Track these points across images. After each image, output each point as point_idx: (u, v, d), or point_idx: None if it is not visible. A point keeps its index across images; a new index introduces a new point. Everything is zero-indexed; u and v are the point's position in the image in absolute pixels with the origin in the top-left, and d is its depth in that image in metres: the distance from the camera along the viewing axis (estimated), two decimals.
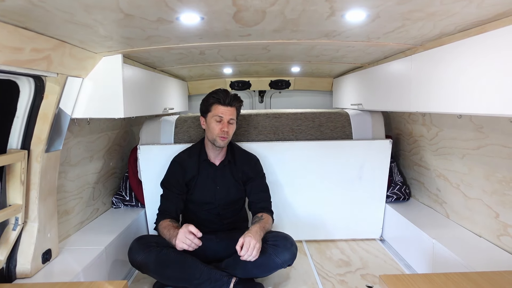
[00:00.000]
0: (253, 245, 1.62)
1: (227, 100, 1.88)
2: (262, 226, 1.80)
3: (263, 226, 1.81)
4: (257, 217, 1.89)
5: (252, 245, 1.62)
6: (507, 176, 1.65)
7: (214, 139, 1.90)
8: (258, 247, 1.64)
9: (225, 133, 1.88)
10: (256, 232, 1.71)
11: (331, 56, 2.21)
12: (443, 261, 1.79)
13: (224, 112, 1.88)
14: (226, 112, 1.88)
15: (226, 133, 1.88)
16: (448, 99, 1.45)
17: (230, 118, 1.90)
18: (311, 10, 1.19)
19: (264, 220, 1.86)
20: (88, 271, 1.65)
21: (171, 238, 1.73)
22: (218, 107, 1.89)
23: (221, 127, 1.87)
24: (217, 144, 1.91)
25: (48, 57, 1.34)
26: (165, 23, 1.30)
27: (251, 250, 1.61)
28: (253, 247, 1.62)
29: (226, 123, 1.88)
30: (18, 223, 1.50)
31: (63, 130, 1.66)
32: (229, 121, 1.90)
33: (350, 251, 2.36)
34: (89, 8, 1.07)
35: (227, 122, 1.89)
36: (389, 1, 1.10)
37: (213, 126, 1.89)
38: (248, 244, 1.62)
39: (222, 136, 1.88)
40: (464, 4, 1.10)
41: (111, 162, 2.53)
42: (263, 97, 3.97)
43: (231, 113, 1.90)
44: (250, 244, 1.62)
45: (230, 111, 1.90)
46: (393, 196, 2.53)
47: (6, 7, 0.99)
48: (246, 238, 1.63)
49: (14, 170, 1.47)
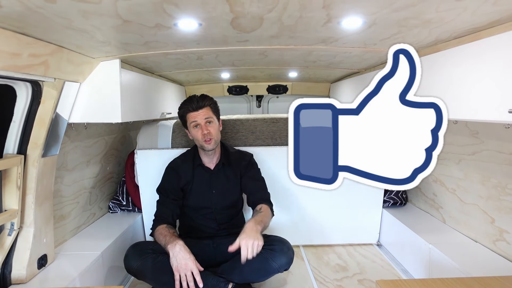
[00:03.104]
0: (251, 246, 1.58)
1: (193, 104, 1.87)
2: (260, 219, 1.74)
3: (261, 219, 1.75)
4: (256, 211, 1.85)
5: (251, 247, 1.58)
6: (503, 182, 1.67)
7: (201, 145, 1.90)
8: (257, 244, 1.59)
9: (207, 134, 1.86)
10: (251, 229, 1.64)
11: (328, 61, 2.23)
12: (440, 266, 1.79)
13: (197, 116, 1.87)
14: (198, 116, 1.87)
15: (208, 134, 1.86)
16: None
17: (205, 120, 1.88)
18: (308, 16, 1.20)
19: (263, 213, 1.81)
20: (84, 276, 1.64)
21: (166, 244, 1.72)
22: (190, 115, 1.88)
23: (201, 132, 1.87)
24: (206, 149, 1.90)
25: (45, 62, 1.34)
26: (163, 29, 1.30)
27: (251, 253, 1.58)
28: (251, 249, 1.58)
29: (204, 125, 1.87)
30: (13, 228, 1.49)
31: (60, 135, 1.66)
32: (207, 122, 1.88)
33: (347, 256, 2.36)
34: (87, 14, 1.07)
35: (205, 124, 1.87)
36: (385, 8, 1.11)
37: (194, 133, 1.89)
38: (245, 248, 1.58)
39: (206, 139, 1.87)
40: (458, 12, 1.12)
41: (108, 166, 2.52)
42: (260, 102, 3.98)
43: (205, 114, 1.88)
44: (248, 248, 1.58)
45: (203, 113, 1.88)
46: (390, 201, 2.54)
47: (4, 13, 0.99)
48: (242, 242, 1.61)
49: (10, 175, 1.47)
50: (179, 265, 1.63)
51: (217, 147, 1.97)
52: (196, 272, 1.64)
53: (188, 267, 1.64)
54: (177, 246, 1.67)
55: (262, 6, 1.08)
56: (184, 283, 1.63)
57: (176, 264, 1.64)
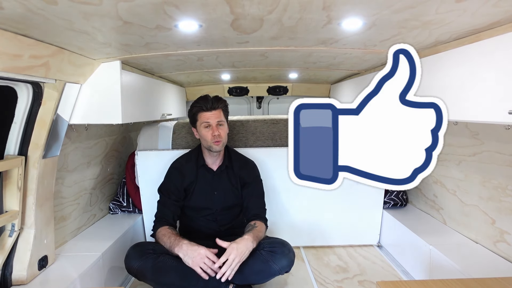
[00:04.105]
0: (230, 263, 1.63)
1: (208, 105, 1.89)
2: (256, 235, 1.78)
3: (256, 235, 1.79)
4: (250, 225, 1.87)
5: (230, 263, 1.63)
6: (503, 183, 1.66)
7: (209, 145, 1.90)
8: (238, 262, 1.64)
9: (217, 136, 1.88)
10: (245, 245, 1.69)
11: (329, 62, 2.23)
12: (440, 267, 1.79)
13: (210, 117, 1.89)
14: (212, 116, 1.89)
15: (218, 136, 1.88)
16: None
17: (217, 121, 1.90)
18: (308, 18, 1.20)
19: (258, 229, 1.84)
20: (85, 277, 1.64)
21: (172, 246, 1.72)
22: (203, 114, 1.89)
23: (211, 132, 1.88)
24: (213, 150, 1.91)
25: (46, 64, 1.35)
26: (164, 30, 1.31)
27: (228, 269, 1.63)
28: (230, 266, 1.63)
29: (215, 127, 1.88)
30: (14, 230, 1.50)
31: (61, 136, 1.66)
32: (218, 124, 1.90)
33: (347, 257, 2.36)
34: (88, 16, 1.07)
35: (216, 126, 1.89)
36: (385, 10, 1.11)
37: (204, 134, 1.90)
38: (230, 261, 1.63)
39: (216, 140, 1.88)
40: (458, 14, 1.12)
41: (108, 167, 2.52)
42: (261, 103, 3.99)
43: (217, 116, 1.90)
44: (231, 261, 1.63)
45: (216, 114, 1.90)
46: (390, 202, 2.54)
47: (5, 15, 1.00)
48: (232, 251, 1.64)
49: (11, 176, 1.47)
50: (194, 259, 1.65)
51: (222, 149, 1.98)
52: (211, 256, 1.66)
53: (201, 255, 1.65)
54: (183, 245, 1.69)
55: (262, 8, 1.09)
56: (209, 271, 1.65)
57: (191, 261, 1.65)
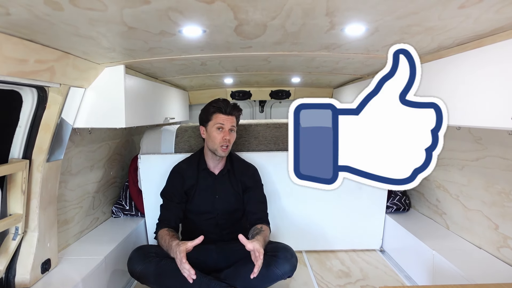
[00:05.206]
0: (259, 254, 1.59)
1: (228, 109, 1.91)
2: (264, 239, 1.77)
3: (264, 239, 1.79)
4: (257, 229, 1.87)
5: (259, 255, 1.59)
6: (506, 188, 1.66)
7: (216, 149, 1.91)
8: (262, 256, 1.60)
9: (227, 141, 1.89)
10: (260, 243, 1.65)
11: (331, 67, 2.24)
12: (443, 273, 1.78)
13: (225, 120, 1.90)
14: (227, 120, 1.90)
15: (227, 141, 1.89)
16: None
17: (231, 127, 1.92)
18: (311, 23, 1.21)
19: (265, 233, 1.84)
20: (87, 281, 1.65)
21: (168, 248, 1.72)
22: (219, 116, 1.91)
23: (222, 136, 1.89)
24: (218, 154, 1.92)
25: (51, 68, 1.36)
26: (168, 36, 1.32)
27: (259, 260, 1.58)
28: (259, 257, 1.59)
29: (227, 131, 1.90)
30: (18, 233, 1.50)
31: (65, 140, 1.67)
32: (230, 129, 1.92)
33: (350, 262, 2.35)
34: (94, 21, 1.09)
35: (228, 130, 1.91)
36: (388, 16, 1.12)
37: (215, 135, 1.91)
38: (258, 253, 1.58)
39: (224, 145, 1.89)
40: (461, 20, 1.12)
41: (111, 171, 2.53)
42: (263, 107, 4.00)
43: (232, 122, 1.92)
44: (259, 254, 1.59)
45: (231, 119, 1.92)
46: (393, 206, 2.53)
47: (11, 20, 1.01)
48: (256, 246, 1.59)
49: (15, 180, 1.48)
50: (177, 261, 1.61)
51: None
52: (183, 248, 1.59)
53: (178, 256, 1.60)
54: (173, 247, 1.66)
55: (266, 14, 1.10)
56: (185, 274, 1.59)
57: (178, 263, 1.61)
